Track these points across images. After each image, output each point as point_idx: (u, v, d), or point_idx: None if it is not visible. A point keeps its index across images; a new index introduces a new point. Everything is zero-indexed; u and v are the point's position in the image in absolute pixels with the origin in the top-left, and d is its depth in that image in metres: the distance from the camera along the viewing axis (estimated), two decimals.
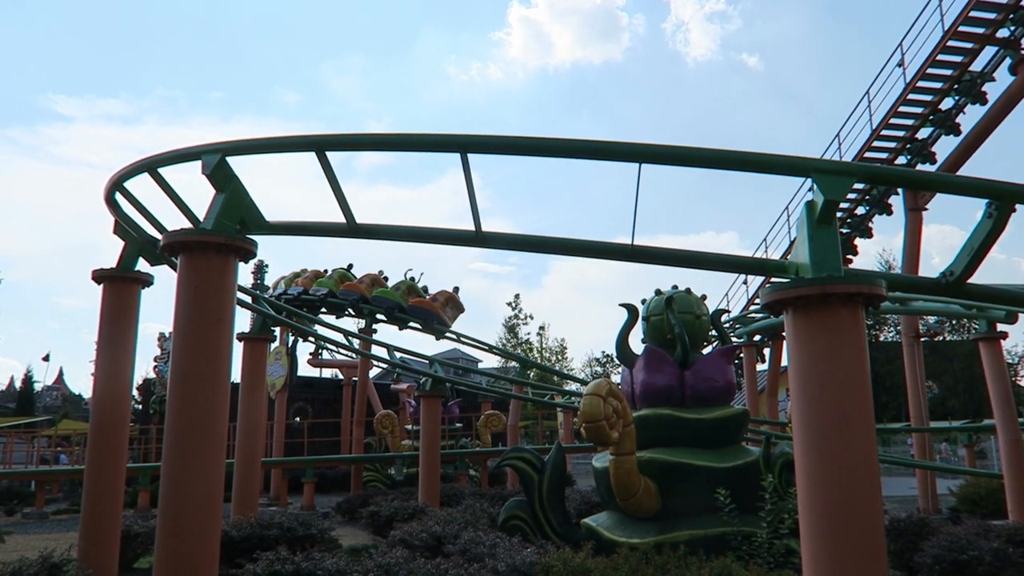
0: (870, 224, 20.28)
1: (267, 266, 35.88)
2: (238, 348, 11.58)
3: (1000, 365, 12.11)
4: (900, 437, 30.66)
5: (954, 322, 38.37)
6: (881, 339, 43.98)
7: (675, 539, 7.24)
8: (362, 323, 23.27)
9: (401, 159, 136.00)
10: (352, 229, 5.66)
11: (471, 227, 5.39)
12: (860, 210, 19.99)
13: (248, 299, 13.09)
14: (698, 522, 7.63)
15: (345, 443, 24.39)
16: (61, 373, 58.78)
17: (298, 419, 27.74)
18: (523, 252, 6.67)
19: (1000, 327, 12.00)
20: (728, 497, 7.31)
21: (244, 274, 29.74)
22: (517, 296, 50.06)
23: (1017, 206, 4.83)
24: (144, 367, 38.82)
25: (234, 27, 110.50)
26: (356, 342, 20.09)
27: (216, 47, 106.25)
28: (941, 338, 40.27)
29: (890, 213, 19.67)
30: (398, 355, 18.54)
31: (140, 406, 29.19)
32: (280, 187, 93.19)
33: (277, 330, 21.52)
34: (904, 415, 22.76)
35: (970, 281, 5.09)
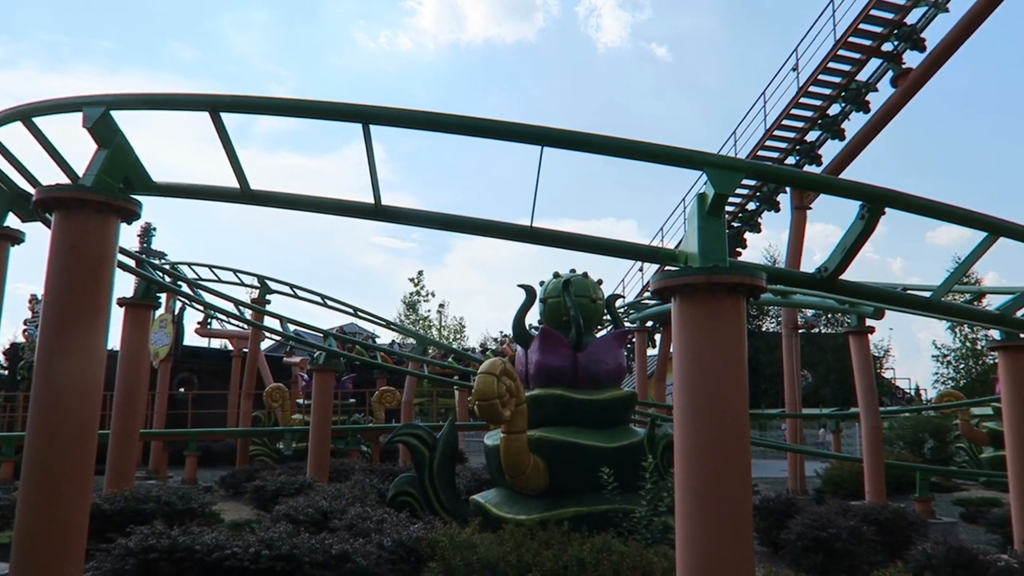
0: (759, 219, 21.25)
1: (155, 229, 34.02)
2: (119, 314, 11.03)
3: (866, 357, 12.99)
4: (775, 422, 32.53)
5: (829, 316, 40.83)
6: (763, 329, 46.28)
7: (560, 515, 7.45)
8: (254, 294, 22.61)
9: (304, 126, 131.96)
10: (245, 195, 5.46)
11: (372, 199, 5.32)
12: (751, 206, 20.92)
13: (132, 263, 12.42)
14: (583, 499, 7.88)
15: (232, 416, 23.71)
16: None
17: (183, 390, 26.71)
18: (424, 228, 6.63)
19: (869, 322, 12.87)
20: (613, 476, 7.57)
21: (130, 236, 28.22)
22: (420, 273, 49.75)
23: (887, 209, 5.19)
24: (12, 330, 36.32)
25: None
26: (248, 313, 19.49)
27: None
28: (817, 330, 42.78)
29: (778, 210, 20.67)
30: (292, 328, 18.10)
31: (6, 372, 27.32)
32: (174, 147, 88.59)
33: (163, 297, 20.59)
34: (781, 402, 24.09)
35: (842, 277, 5.43)
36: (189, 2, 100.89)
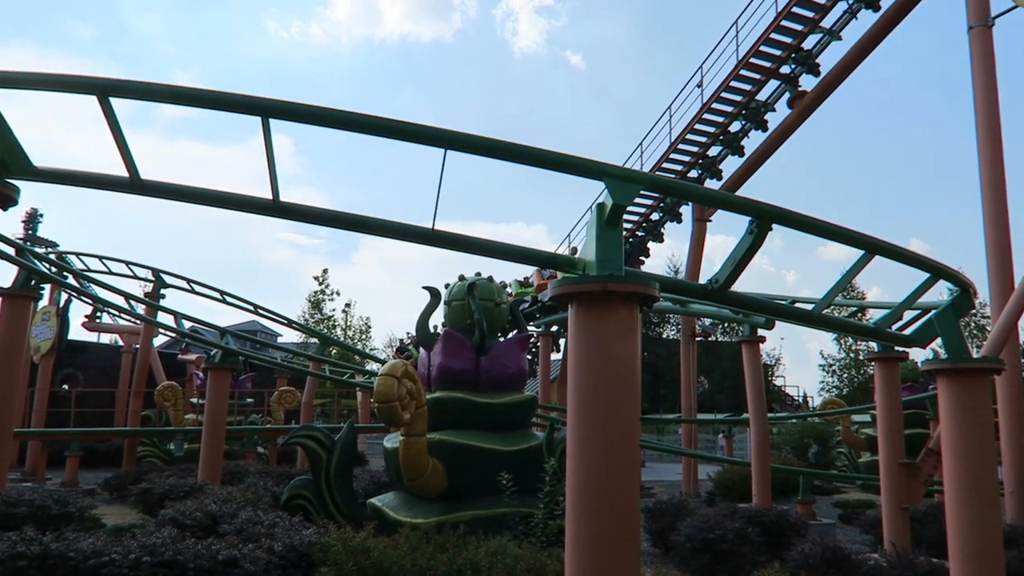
0: (662, 230, 21.91)
1: (42, 216, 32.01)
2: None
3: (757, 366, 13.57)
4: (672, 427, 33.55)
5: (726, 325, 42.38)
6: (664, 336, 47.63)
7: (458, 519, 7.44)
8: (148, 287, 21.63)
9: (208, 113, 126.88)
10: (135, 184, 5.19)
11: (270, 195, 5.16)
12: (655, 216, 21.53)
13: (12, 251, 11.64)
14: (481, 503, 7.90)
15: (120, 415, 22.60)
16: None
17: (66, 387, 25.26)
18: (323, 227, 6.48)
19: (760, 332, 13.45)
20: (511, 479, 7.62)
21: (13, 222, 26.34)
22: (325, 271, 48.81)
23: (775, 225, 5.44)
24: None
25: None
26: (140, 307, 18.62)
27: None
28: (714, 338, 44.34)
29: (680, 221, 21.37)
30: (187, 324, 17.42)
31: None
32: (69, 130, 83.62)
33: (47, 288, 19.41)
34: (679, 407, 24.87)
35: (733, 289, 5.66)
36: None
